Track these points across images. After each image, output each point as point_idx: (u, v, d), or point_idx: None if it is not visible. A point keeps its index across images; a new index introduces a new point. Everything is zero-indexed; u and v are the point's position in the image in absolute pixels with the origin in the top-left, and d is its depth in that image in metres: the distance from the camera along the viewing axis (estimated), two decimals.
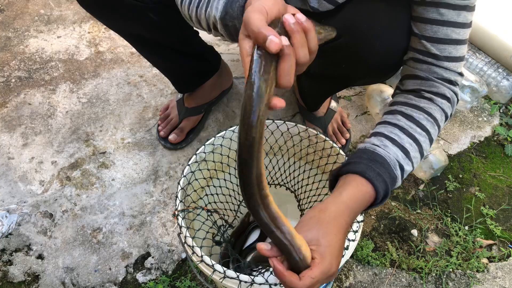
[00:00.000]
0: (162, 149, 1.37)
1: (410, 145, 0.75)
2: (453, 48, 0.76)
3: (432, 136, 0.77)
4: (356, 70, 0.96)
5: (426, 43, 0.77)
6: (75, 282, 1.13)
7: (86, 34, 1.73)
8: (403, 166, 0.73)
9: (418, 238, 1.19)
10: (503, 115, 1.46)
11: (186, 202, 0.82)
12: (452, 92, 0.79)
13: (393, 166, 0.72)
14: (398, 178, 0.72)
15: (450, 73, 0.78)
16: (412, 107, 0.78)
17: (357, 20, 0.83)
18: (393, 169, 0.71)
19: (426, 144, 0.76)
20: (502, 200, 1.26)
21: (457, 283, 1.11)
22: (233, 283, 0.68)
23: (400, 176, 0.73)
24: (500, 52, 1.46)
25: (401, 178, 0.73)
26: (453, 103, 0.80)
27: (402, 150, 0.74)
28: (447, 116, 0.79)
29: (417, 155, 0.75)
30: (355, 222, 0.74)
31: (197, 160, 0.85)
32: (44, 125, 1.45)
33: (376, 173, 0.69)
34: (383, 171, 0.70)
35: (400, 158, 0.73)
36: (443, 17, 0.74)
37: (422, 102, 0.78)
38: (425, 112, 0.77)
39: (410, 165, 0.75)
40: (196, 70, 1.29)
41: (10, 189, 1.30)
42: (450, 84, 0.79)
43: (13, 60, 1.65)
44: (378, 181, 0.68)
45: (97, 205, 1.26)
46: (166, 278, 1.12)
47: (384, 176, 0.70)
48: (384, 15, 0.80)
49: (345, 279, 1.12)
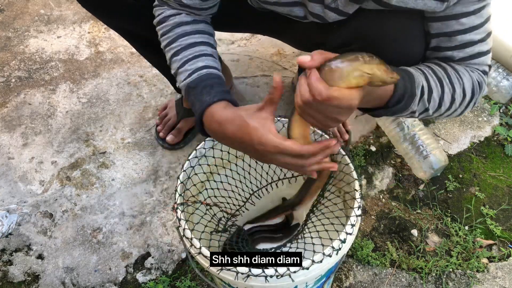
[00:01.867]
0: (162, 149, 1.37)
1: (435, 84, 0.75)
2: (480, 46, 0.78)
3: (455, 96, 0.77)
4: None
5: (451, 52, 0.79)
6: (75, 282, 1.14)
7: (86, 34, 1.73)
8: (424, 93, 0.74)
9: (418, 238, 1.19)
10: (503, 115, 1.46)
11: (186, 196, 0.82)
12: (481, 78, 0.80)
13: (417, 84, 0.73)
14: (416, 97, 0.73)
15: (479, 65, 0.80)
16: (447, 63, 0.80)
17: (369, 28, 0.83)
18: (416, 85, 0.73)
19: (447, 97, 0.77)
20: (502, 200, 1.26)
21: (457, 283, 1.11)
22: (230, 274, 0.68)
23: (418, 100, 0.73)
24: (500, 52, 1.46)
25: (417, 102, 0.74)
26: (480, 90, 0.80)
27: (428, 84, 0.75)
28: (473, 95, 0.79)
29: (436, 98, 0.76)
30: (352, 216, 0.74)
31: (197, 156, 0.86)
32: (44, 125, 1.45)
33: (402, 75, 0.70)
34: (408, 80, 0.71)
35: (424, 86, 0.74)
36: (464, 26, 0.75)
37: (459, 66, 0.79)
38: (458, 73, 0.78)
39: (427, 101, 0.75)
40: None
41: (10, 189, 1.30)
42: (482, 73, 0.80)
43: (13, 60, 1.65)
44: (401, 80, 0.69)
45: (97, 205, 1.26)
46: (166, 278, 1.12)
47: (407, 82, 0.71)
48: (396, 23, 0.80)
49: (345, 279, 1.12)
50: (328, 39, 0.96)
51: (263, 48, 1.65)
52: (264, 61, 1.61)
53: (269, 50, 1.64)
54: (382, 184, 1.30)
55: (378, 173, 1.31)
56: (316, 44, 1.10)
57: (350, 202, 0.79)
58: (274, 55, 1.63)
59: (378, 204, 1.26)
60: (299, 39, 1.15)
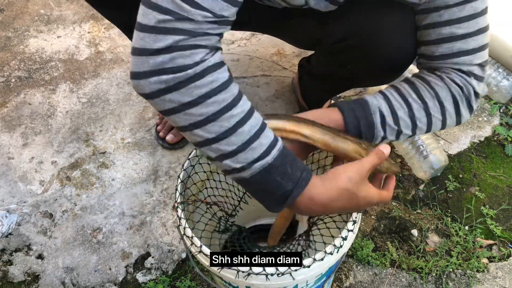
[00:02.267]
0: (162, 149, 1.37)
1: (400, 105, 0.73)
2: (462, 43, 0.74)
3: (429, 110, 0.74)
4: (361, 72, 0.96)
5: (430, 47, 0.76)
6: (75, 282, 1.13)
7: (86, 34, 1.73)
8: (384, 116, 0.72)
9: (418, 238, 1.19)
10: (503, 115, 1.46)
11: (186, 195, 0.82)
12: (465, 81, 0.75)
13: (373, 111, 0.72)
14: (376, 124, 0.72)
15: (461, 65, 0.75)
16: (418, 77, 0.77)
17: (365, 22, 0.82)
18: (372, 113, 0.71)
19: (420, 113, 0.74)
20: (502, 200, 1.26)
21: (457, 283, 1.11)
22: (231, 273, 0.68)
23: (380, 125, 0.72)
24: (500, 52, 1.46)
25: (382, 128, 0.72)
26: (468, 94, 0.76)
27: (389, 104, 0.73)
28: (456, 102, 0.75)
29: (406, 118, 0.73)
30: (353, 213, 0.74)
31: (197, 154, 0.86)
32: (44, 125, 1.45)
33: (350, 108, 0.71)
34: (360, 110, 0.71)
35: (383, 108, 0.72)
36: (442, 17, 0.73)
37: (430, 76, 0.76)
38: (428, 84, 0.75)
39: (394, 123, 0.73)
40: None
41: (10, 189, 1.30)
42: (463, 74, 0.76)
43: (13, 60, 1.65)
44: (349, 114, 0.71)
45: (97, 205, 1.26)
46: (166, 278, 1.12)
47: (357, 113, 0.71)
48: (391, 17, 0.80)
49: (345, 279, 1.12)
50: (325, 35, 0.96)
51: (263, 48, 1.65)
52: (264, 61, 1.61)
53: (269, 50, 1.64)
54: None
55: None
56: (314, 41, 1.11)
57: None
58: (274, 55, 1.63)
59: (378, 204, 1.26)
60: (297, 35, 1.15)
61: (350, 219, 0.73)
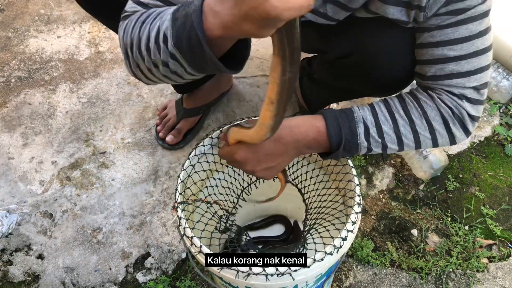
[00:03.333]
0: (162, 149, 1.37)
1: (385, 118, 0.74)
2: (455, 65, 0.72)
3: (416, 127, 0.74)
4: (363, 87, 0.97)
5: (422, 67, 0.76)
6: (75, 282, 1.13)
7: (86, 34, 1.73)
8: (368, 128, 0.73)
9: (418, 238, 1.19)
10: (503, 115, 1.46)
11: (186, 195, 0.82)
12: (456, 103, 0.74)
13: (357, 120, 0.73)
14: (359, 134, 0.73)
15: (452, 87, 0.74)
16: (411, 94, 0.77)
17: (368, 41, 0.82)
18: (355, 122, 0.73)
19: (405, 129, 0.74)
20: (502, 200, 1.26)
21: (457, 283, 1.11)
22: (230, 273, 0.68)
23: (363, 136, 0.73)
24: (500, 52, 1.46)
25: (365, 139, 0.73)
26: (460, 116, 0.75)
27: (374, 117, 0.74)
28: (446, 122, 0.75)
29: (391, 133, 0.74)
30: (353, 213, 0.74)
31: (197, 154, 0.86)
32: (44, 125, 1.45)
33: (333, 116, 0.73)
34: (343, 118, 0.73)
35: (367, 120, 0.73)
36: (435, 38, 0.72)
37: (422, 94, 0.76)
38: (418, 103, 0.75)
39: (378, 136, 0.73)
40: None
41: (10, 189, 1.30)
42: (454, 96, 0.74)
43: (13, 60, 1.65)
44: (331, 121, 0.72)
45: (97, 205, 1.26)
46: (166, 278, 1.12)
47: (340, 121, 0.72)
48: (394, 37, 0.80)
49: (345, 279, 1.12)
50: (328, 50, 0.97)
51: (263, 48, 1.65)
52: (264, 61, 1.61)
53: (269, 50, 1.64)
54: (382, 184, 1.30)
55: (378, 173, 1.31)
56: (316, 51, 1.11)
57: (349, 202, 0.79)
58: None
59: (378, 204, 1.26)
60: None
61: (349, 220, 0.73)
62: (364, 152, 0.75)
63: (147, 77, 0.67)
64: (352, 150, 0.74)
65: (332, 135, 0.72)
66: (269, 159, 0.74)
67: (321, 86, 1.18)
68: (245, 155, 0.73)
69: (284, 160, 0.76)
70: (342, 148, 0.73)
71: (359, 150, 0.74)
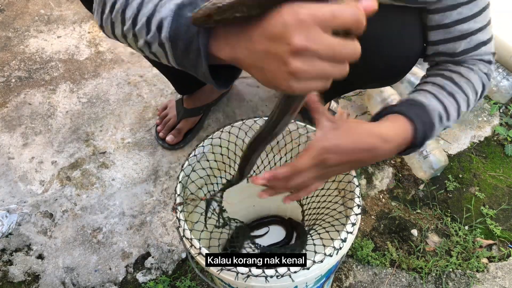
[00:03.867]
0: (162, 149, 1.37)
1: (451, 104, 0.75)
2: (481, 34, 0.77)
3: (469, 102, 0.77)
4: (364, 76, 0.96)
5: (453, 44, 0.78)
6: (75, 282, 1.14)
7: (86, 34, 1.73)
8: (442, 117, 0.74)
9: (418, 238, 1.19)
10: (503, 115, 1.46)
11: (185, 195, 0.82)
12: (488, 69, 0.79)
13: (432, 114, 0.72)
14: (435, 127, 0.73)
15: (483, 55, 0.79)
16: (449, 71, 0.79)
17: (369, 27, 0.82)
18: (432, 116, 0.72)
19: (463, 105, 0.77)
20: (502, 200, 1.26)
21: (457, 283, 1.11)
22: (230, 275, 0.68)
23: (438, 126, 0.74)
24: (500, 52, 1.46)
25: (438, 128, 0.74)
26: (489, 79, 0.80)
27: (442, 105, 0.75)
28: (484, 88, 0.80)
29: (455, 114, 0.76)
30: (352, 215, 0.74)
31: (196, 155, 0.86)
32: (44, 125, 1.45)
33: (415, 113, 0.70)
34: (422, 114, 0.71)
35: (440, 110, 0.74)
36: (462, 15, 0.75)
37: (460, 68, 0.79)
38: (464, 78, 0.77)
39: (447, 120, 0.75)
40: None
41: (10, 189, 1.31)
42: (486, 63, 0.80)
43: (13, 60, 1.65)
44: (417, 120, 0.69)
45: (97, 205, 1.26)
46: (166, 278, 1.12)
47: (423, 118, 0.71)
48: (395, 22, 0.80)
49: (345, 279, 1.12)
50: None
51: None
52: None
53: None
54: (382, 184, 1.30)
55: (378, 173, 1.31)
56: None
57: (349, 203, 0.79)
58: None
59: (378, 204, 1.26)
60: None
61: (349, 221, 0.73)
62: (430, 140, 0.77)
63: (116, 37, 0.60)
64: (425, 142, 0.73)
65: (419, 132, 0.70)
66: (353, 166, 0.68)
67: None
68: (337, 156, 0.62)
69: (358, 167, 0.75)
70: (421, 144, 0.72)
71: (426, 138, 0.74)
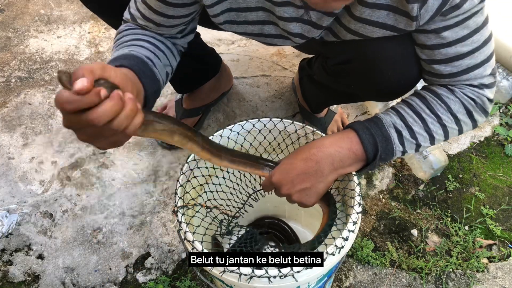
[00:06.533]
0: (162, 149, 1.37)
1: (413, 120, 0.75)
2: (470, 59, 0.73)
3: (443, 122, 0.76)
4: (365, 93, 0.97)
5: (438, 66, 0.75)
6: (75, 282, 1.13)
7: (86, 34, 1.73)
8: (400, 131, 0.74)
9: (418, 238, 1.19)
10: (503, 115, 1.47)
11: (185, 199, 0.82)
12: (477, 93, 0.76)
13: (387, 127, 0.74)
14: (392, 138, 0.74)
15: (472, 80, 0.75)
16: (428, 91, 0.78)
17: (370, 49, 0.81)
18: (386, 129, 0.74)
19: (435, 126, 0.76)
20: (502, 200, 1.27)
21: (457, 283, 1.11)
22: (233, 276, 0.68)
23: (397, 139, 0.74)
24: (500, 52, 1.46)
25: (399, 142, 0.75)
26: (481, 103, 0.77)
27: (403, 120, 0.75)
28: (469, 112, 0.77)
29: (422, 132, 0.75)
30: (353, 214, 0.74)
31: (195, 158, 0.85)
32: (44, 125, 1.45)
33: (364, 127, 0.74)
34: (374, 127, 0.74)
35: (397, 124, 0.75)
36: (446, 39, 0.71)
37: (441, 89, 0.77)
38: (440, 99, 0.76)
39: (411, 137, 0.75)
40: (195, 71, 1.28)
41: (10, 189, 1.30)
42: (475, 88, 0.76)
43: (13, 60, 1.65)
44: (364, 132, 0.73)
45: (97, 205, 1.26)
46: (166, 278, 1.12)
47: (373, 131, 0.73)
48: (396, 44, 0.79)
49: (345, 279, 1.12)
50: (329, 55, 0.96)
51: (263, 48, 1.65)
52: (264, 61, 1.61)
53: (269, 50, 1.64)
54: (382, 184, 1.30)
55: (378, 173, 1.31)
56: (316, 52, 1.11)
57: (350, 202, 0.79)
58: (274, 55, 1.63)
59: (378, 204, 1.26)
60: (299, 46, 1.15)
61: (350, 220, 0.73)
62: (398, 155, 0.77)
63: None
64: (388, 156, 0.75)
65: (367, 144, 0.73)
66: (302, 179, 0.75)
67: (321, 88, 1.17)
68: (279, 177, 0.76)
69: (319, 180, 0.75)
70: (379, 156, 0.74)
71: (394, 155, 0.76)
